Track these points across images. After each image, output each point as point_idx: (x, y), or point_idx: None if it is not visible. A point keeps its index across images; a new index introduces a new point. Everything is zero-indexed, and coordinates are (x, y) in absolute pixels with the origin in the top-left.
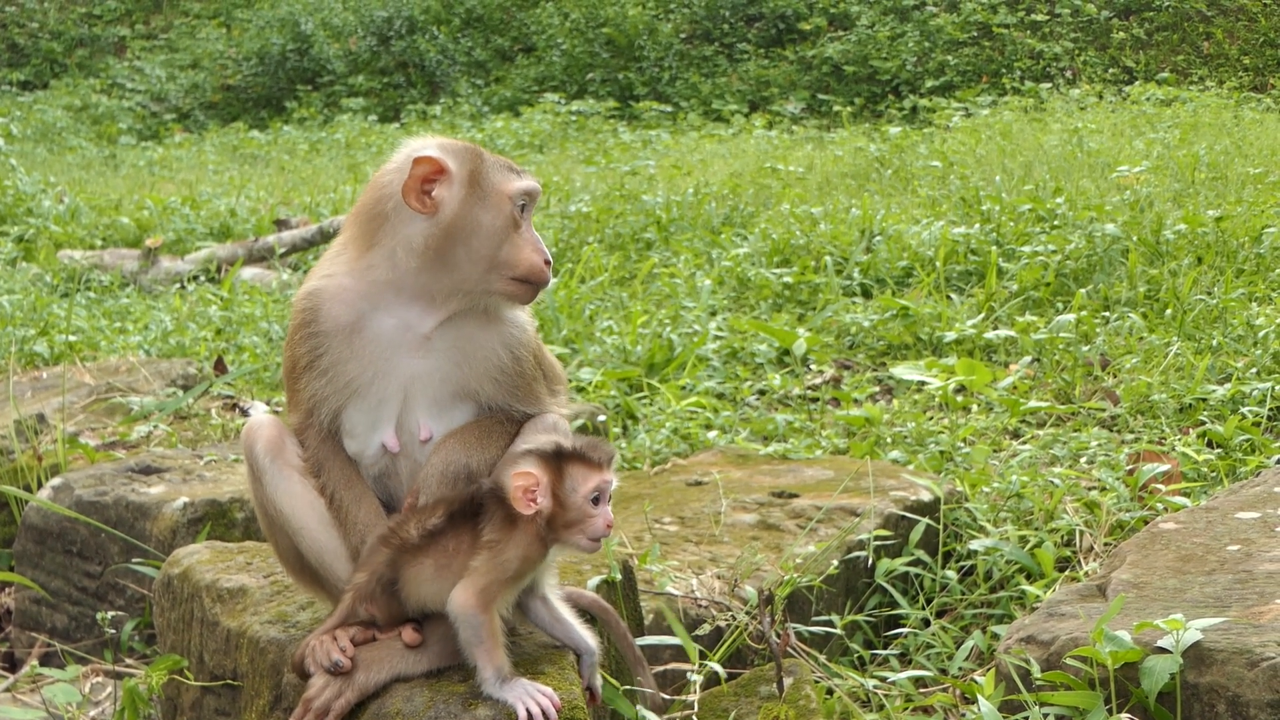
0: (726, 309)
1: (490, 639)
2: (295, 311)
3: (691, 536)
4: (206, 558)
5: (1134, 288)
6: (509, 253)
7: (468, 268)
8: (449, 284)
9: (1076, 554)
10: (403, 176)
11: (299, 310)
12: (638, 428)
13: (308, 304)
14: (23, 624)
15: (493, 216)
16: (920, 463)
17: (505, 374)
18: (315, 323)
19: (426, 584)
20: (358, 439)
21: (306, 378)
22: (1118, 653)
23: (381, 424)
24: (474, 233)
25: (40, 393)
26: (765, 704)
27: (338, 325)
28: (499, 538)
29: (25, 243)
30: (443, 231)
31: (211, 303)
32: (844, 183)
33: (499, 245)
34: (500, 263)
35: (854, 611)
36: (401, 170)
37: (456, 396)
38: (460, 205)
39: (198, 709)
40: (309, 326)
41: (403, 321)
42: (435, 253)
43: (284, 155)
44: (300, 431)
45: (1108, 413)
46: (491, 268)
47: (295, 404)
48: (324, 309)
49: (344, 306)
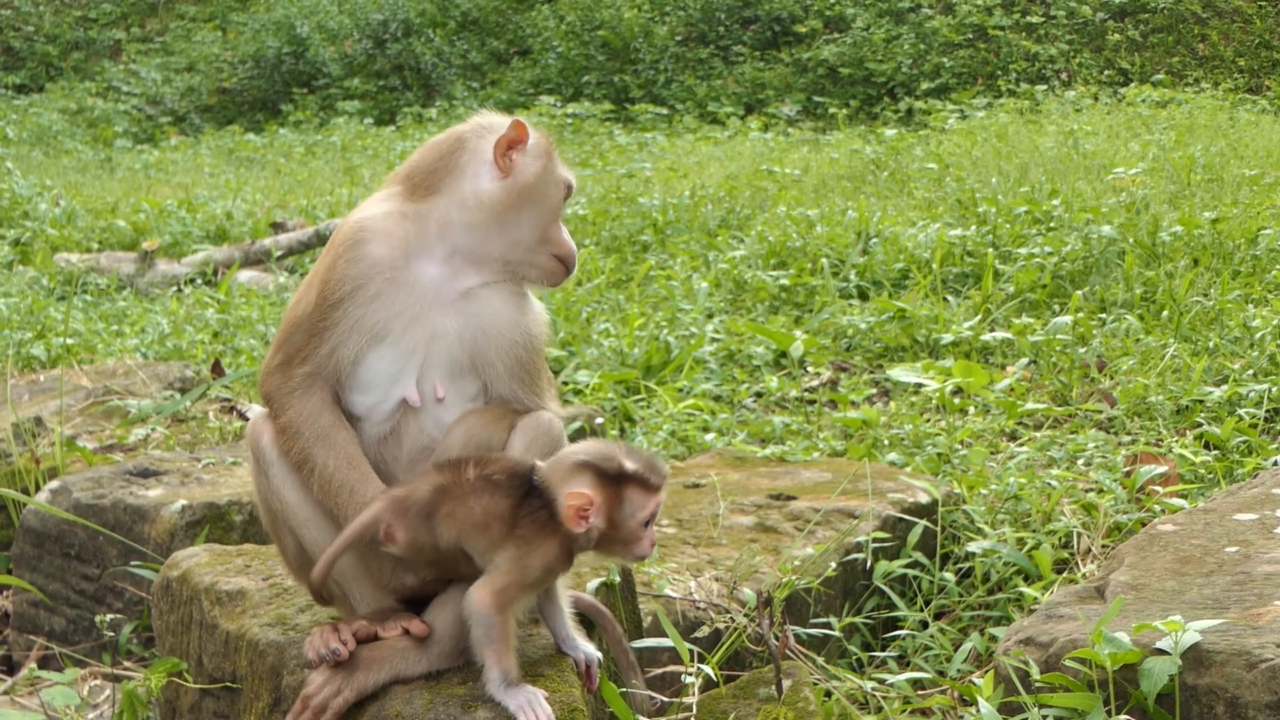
0: (723, 311)
1: (501, 641)
2: (338, 243)
3: (689, 539)
4: (205, 560)
5: (1130, 289)
6: (555, 232)
7: (523, 234)
8: (499, 247)
9: (1074, 556)
10: (488, 134)
11: (344, 241)
12: (635, 430)
13: (355, 236)
14: (21, 627)
15: (553, 196)
16: (917, 465)
17: (517, 356)
18: (361, 257)
19: (469, 530)
20: (375, 390)
21: (334, 316)
22: (1117, 654)
23: (405, 375)
24: (538, 204)
25: (38, 396)
26: (764, 706)
27: (383, 262)
28: (531, 536)
29: (22, 246)
30: (513, 194)
31: (208, 306)
32: (840, 185)
33: (550, 223)
34: (548, 239)
35: (852, 614)
36: (486, 129)
37: (470, 366)
38: (535, 176)
39: (196, 712)
40: (354, 256)
41: (444, 274)
42: (500, 211)
43: (280, 158)
44: (295, 389)
45: (1105, 415)
46: (542, 241)
47: (303, 351)
48: (372, 243)
49: (393, 244)
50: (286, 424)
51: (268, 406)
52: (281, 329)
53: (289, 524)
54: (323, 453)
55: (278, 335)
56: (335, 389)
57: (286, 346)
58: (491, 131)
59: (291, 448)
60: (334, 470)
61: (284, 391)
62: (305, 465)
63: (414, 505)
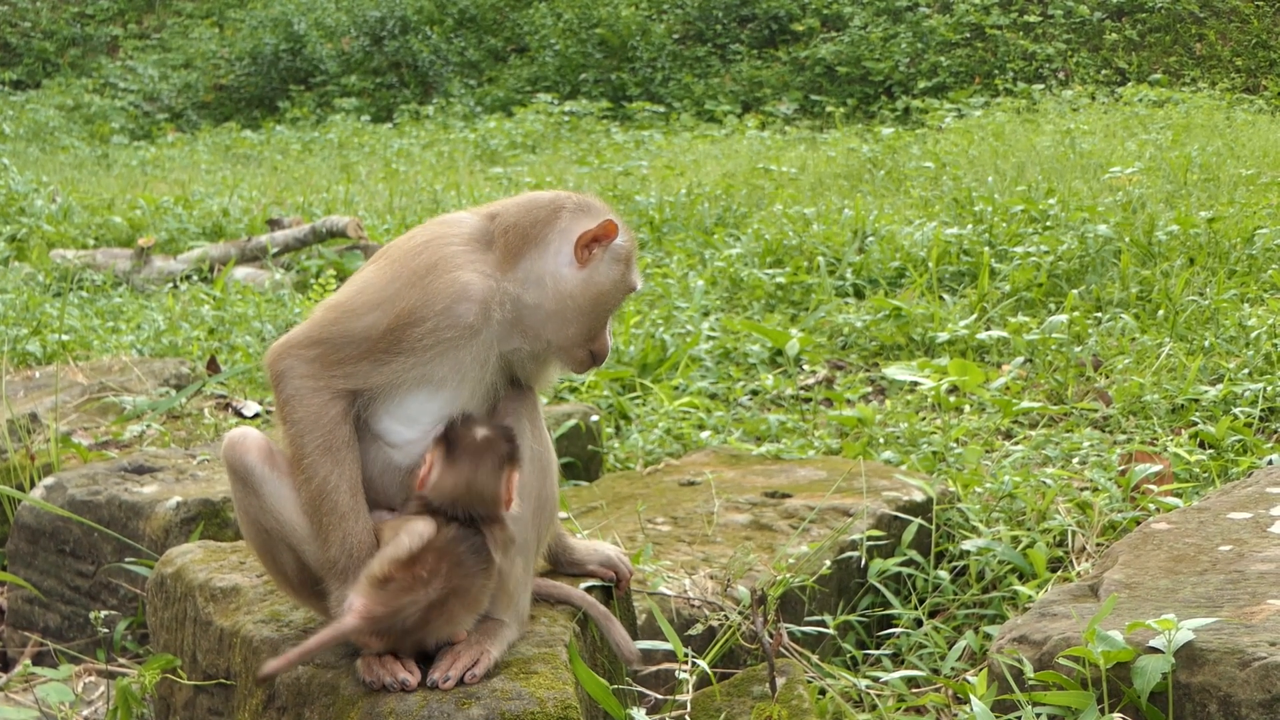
0: (719, 309)
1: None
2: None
3: (684, 536)
4: (200, 557)
5: (1126, 289)
6: (601, 331)
7: (576, 328)
8: (551, 332)
9: (1069, 554)
10: (582, 218)
11: (442, 293)
12: (631, 428)
13: (456, 293)
14: (15, 623)
15: (616, 298)
16: (913, 463)
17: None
18: (455, 318)
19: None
20: (418, 427)
21: (401, 351)
22: (1110, 652)
23: (448, 417)
24: (601, 303)
25: (33, 392)
26: (758, 704)
27: (470, 329)
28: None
29: (18, 242)
30: (584, 288)
31: (204, 302)
32: (837, 183)
33: (603, 321)
34: (592, 336)
35: (846, 611)
36: (583, 211)
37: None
38: (608, 275)
39: (191, 708)
40: (447, 310)
41: (499, 336)
42: (564, 300)
43: (277, 155)
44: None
45: (1100, 413)
46: (588, 337)
47: (349, 364)
48: (466, 304)
49: (483, 312)
50: (299, 419)
51: (279, 385)
52: (325, 326)
53: (287, 542)
54: (328, 466)
55: (316, 328)
56: (362, 407)
57: (328, 348)
58: (587, 215)
59: (294, 444)
60: (334, 488)
61: (309, 388)
62: (302, 469)
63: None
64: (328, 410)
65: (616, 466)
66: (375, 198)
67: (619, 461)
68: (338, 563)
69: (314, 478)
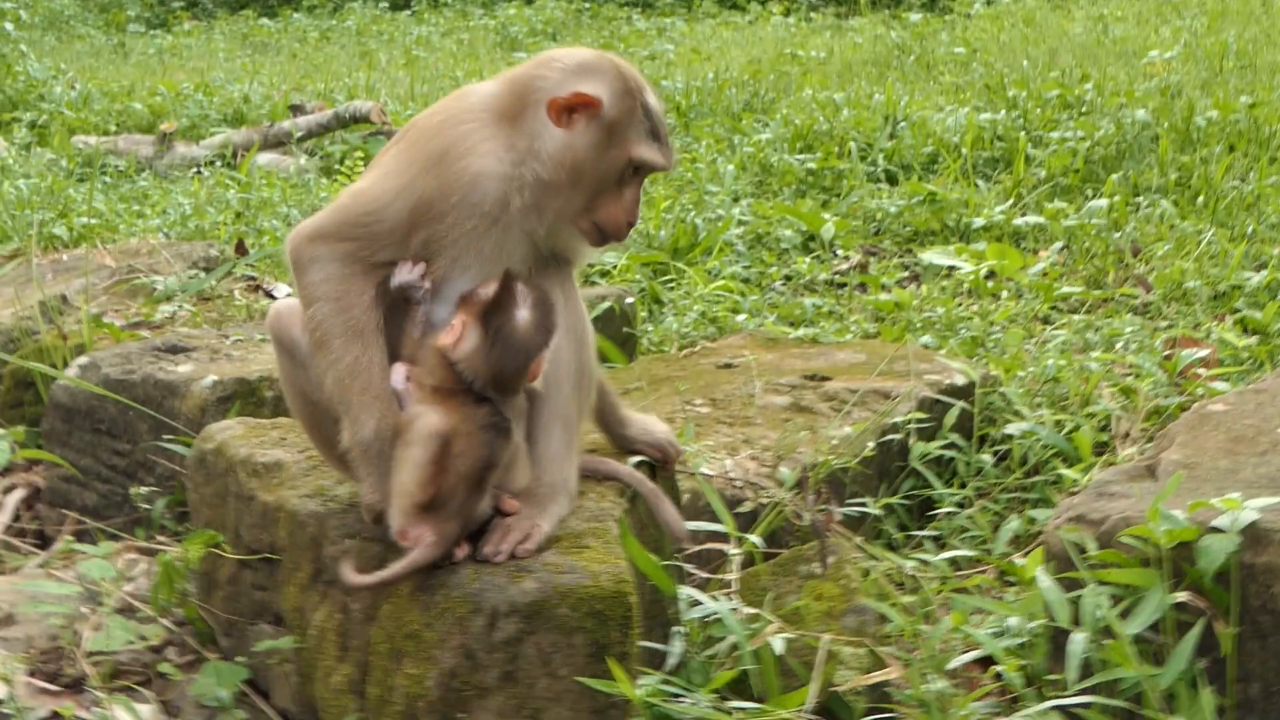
0: (750, 195)
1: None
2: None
3: (724, 418)
4: (240, 433)
5: (1165, 175)
6: (602, 201)
7: (568, 195)
8: (549, 199)
9: (1113, 439)
10: (557, 88)
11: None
12: (664, 311)
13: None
14: (53, 502)
15: (605, 168)
16: (952, 348)
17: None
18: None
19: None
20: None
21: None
22: (1173, 531)
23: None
24: (586, 171)
25: (61, 274)
26: (806, 582)
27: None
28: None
29: (39, 128)
30: (565, 153)
31: (229, 187)
32: (865, 70)
33: (598, 190)
34: (591, 206)
35: (888, 495)
36: (561, 82)
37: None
38: (589, 142)
39: (235, 583)
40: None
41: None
42: (554, 167)
43: (295, 43)
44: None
45: (1140, 299)
46: (586, 207)
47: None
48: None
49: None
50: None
51: (304, 271)
52: (349, 212)
53: (334, 415)
54: (358, 349)
55: (340, 213)
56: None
57: (353, 235)
58: (577, 78)
59: (321, 328)
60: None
61: (337, 274)
62: (331, 351)
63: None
64: (358, 295)
65: (651, 350)
66: (396, 85)
67: (653, 345)
68: (370, 446)
69: (344, 359)
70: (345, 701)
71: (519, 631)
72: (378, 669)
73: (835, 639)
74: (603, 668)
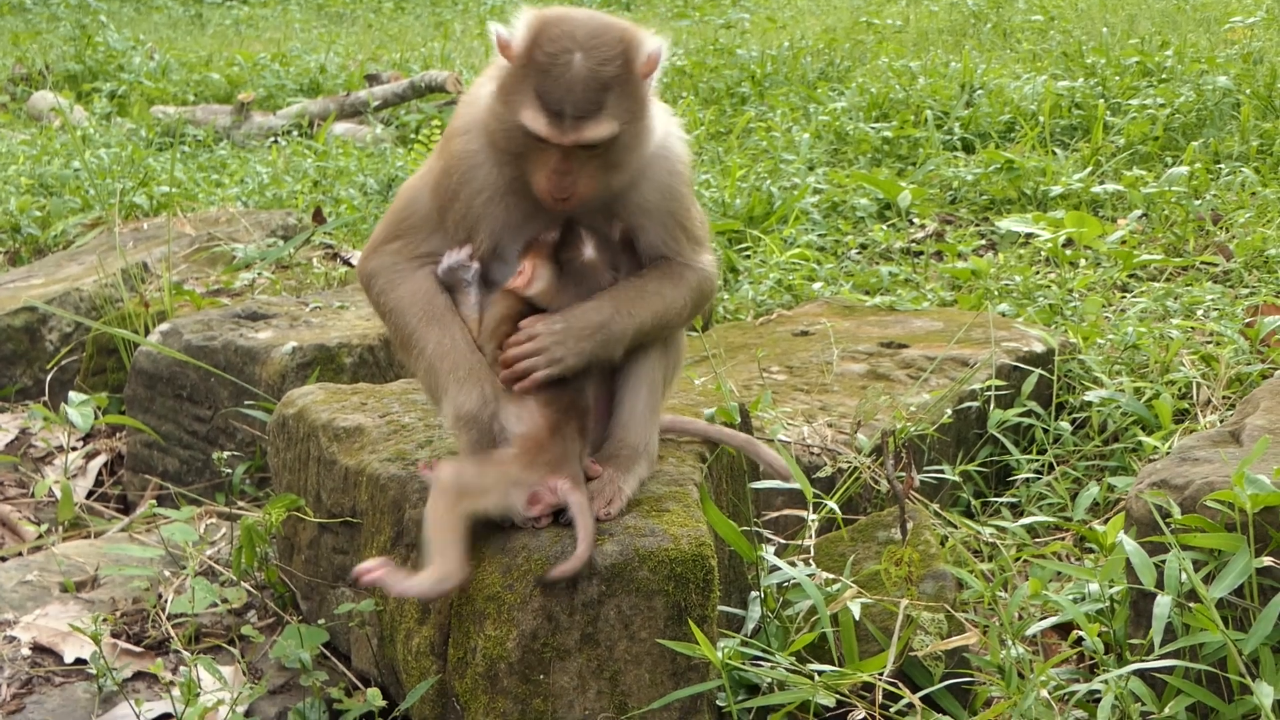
0: (825, 164)
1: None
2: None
3: (801, 385)
4: (321, 398)
5: (1246, 142)
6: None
7: (504, 162)
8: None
9: (1194, 406)
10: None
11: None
12: (739, 279)
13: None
14: (135, 467)
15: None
16: (1029, 316)
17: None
18: (472, 185)
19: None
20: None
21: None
22: (1258, 496)
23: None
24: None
25: (142, 243)
26: (885, 548)
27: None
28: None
29: (119, 99)
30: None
31: (306, 156)
32: (941, 38)
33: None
34: (530, 170)
35: (965, 462)
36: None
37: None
38: (490, 104)
39: (315, 547)
40: (467, 186)
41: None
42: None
43: (370, 13)
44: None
45: (1220, 267)
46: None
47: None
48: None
49: (485, 165)
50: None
51: (371, 284)
52: (397, 215)
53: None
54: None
55: (390, 219)
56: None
57: (404, 236)
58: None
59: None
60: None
61: (397, 274)
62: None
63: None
64: (420, 286)
65: (726, 317)
66: (472, 54)
67: (729, 313)
68: (479, 416)
69: (427, 347)
70: (425, 664)
71: (599, 594)
72: (458, 631)
73: (913, 604)
74: (682, 630)
